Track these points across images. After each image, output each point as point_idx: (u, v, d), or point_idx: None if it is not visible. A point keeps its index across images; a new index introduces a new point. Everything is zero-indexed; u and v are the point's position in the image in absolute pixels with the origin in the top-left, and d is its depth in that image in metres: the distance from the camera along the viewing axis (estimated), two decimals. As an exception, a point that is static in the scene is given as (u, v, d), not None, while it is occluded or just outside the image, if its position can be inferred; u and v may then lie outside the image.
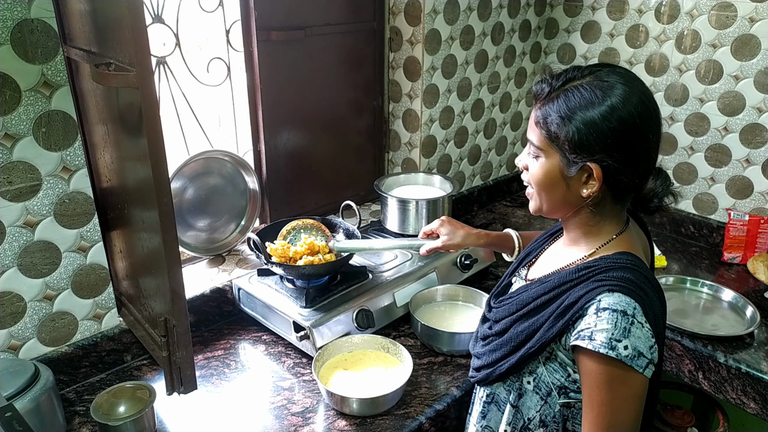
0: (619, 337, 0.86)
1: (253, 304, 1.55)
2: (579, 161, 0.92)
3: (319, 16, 1.79)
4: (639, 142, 0.90)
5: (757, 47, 1.80)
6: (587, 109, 0.89)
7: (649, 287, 0.91)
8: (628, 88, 0.90)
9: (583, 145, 0.90)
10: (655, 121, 0.92)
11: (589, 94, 0.90)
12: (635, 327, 0.87)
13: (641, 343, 0.87)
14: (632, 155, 0.90)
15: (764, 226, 1.83)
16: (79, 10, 1.10)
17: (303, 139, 1.89)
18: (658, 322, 0.91)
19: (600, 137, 0.89)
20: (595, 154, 0.90)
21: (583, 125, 0.89)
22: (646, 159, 0.93)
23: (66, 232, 1.28)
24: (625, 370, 0.87)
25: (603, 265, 0.93)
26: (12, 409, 1.00)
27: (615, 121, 0.88)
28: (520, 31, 2.22)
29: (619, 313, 0.87)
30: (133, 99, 0.95)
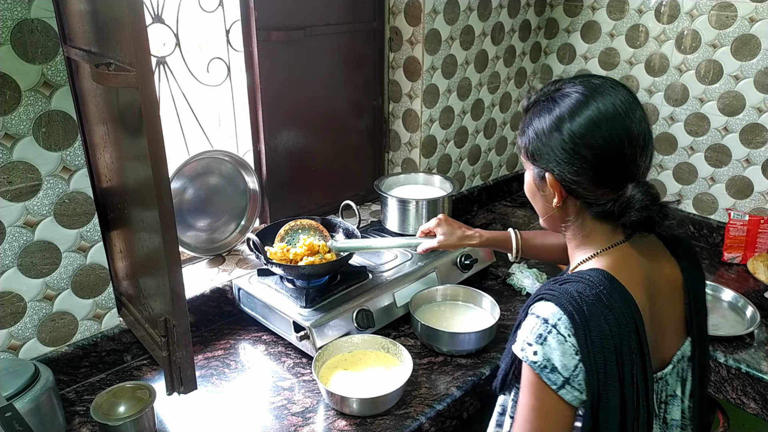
0: (531, 341, 0.86)
1: (253, 304, 1.55)
2: (535, 169, 0.96)
3: (319, 16, 1.79)
4: (591, 152, 0.88)
5: (757, 47, 1.80)
6: (539, 119, 0.93)
7: (598, 308, 0.84)
8: (583, 98, 0.89)
9: (534, 154, 0.95)
10: (613, 132, 0.87)
11: (546, 104, 0.93)
12: (552, 337, 0.84)
13: (557, 356, 0.83)
14: (583, 166, 0.89)
15: (764, 226, 1.83)
16: (79, 10, 1.10)
17: (303, 139, 1.89)
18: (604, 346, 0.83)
19: (548, 147, 0.91)
20: (545, 163, 0.93)
21: (535, 135, 0.93)
22: (606, 169, 0.89)
23: (66, 232, 1.28)
24: (537, 379, 0.85)
25: (564, 278, 0.92)
26: (12, 409, 1.00)
27: (564, 133, 0.89)
28: (520, 31, 2.22)
29: (541, 319, 0.86)
30: (133, 99, 0.96)
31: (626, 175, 0.89)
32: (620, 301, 0.86)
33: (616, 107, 0.88)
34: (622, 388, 0.84)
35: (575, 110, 0.89)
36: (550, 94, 0.94)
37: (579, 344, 0.83)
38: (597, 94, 0.89)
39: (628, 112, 0.89)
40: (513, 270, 1.77)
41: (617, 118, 0.88)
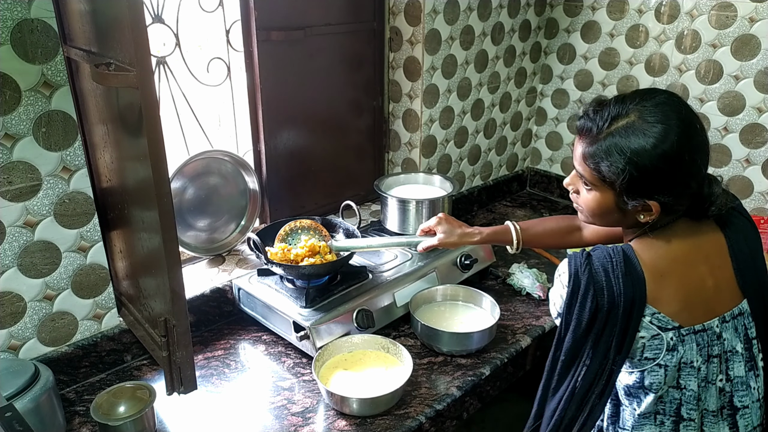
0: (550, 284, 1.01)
1: (253, 304, 1.55)
2: (635, 200, 0.98)
3: (319, 16, 1.79)
4: (689, 175, 0.96)
5: (757, 47, 1.80)
6: (635, 152, 0.93)
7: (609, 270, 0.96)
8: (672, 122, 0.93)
9: (638, 189, 0.96)
10: (701, 145, 0.97)
11: (636, 138, 0.93)
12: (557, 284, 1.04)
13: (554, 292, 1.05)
14: (685, 187, 0.96)
15: (764, 226, 1.83)
16: (79, 10, 1.10)
17: (303, 139, 1.89)
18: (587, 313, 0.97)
19: (652, 180, 0.94)
20: (652, 195, 0.96)
21: (635, 171, 0.93)
22: (698, 181, 0.98)
23: (66, 232, 1.28)
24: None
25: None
26: (12, 409, 1.00)
27: (664, 164, 0.93)
28: (520, 31, 2.22)
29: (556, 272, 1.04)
30: (133, 99, 0.96)
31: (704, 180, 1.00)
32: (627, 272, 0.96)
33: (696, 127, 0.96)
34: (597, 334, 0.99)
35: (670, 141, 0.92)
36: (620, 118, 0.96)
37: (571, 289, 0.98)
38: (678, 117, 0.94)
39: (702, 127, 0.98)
40: (513, 270, 1.77)
41: (699, 137, 0.97)
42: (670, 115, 0.94)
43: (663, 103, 0.95)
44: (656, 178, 0.94)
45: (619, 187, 0.97)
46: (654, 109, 0.94)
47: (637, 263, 0.97)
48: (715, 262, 1.03)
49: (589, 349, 0.98)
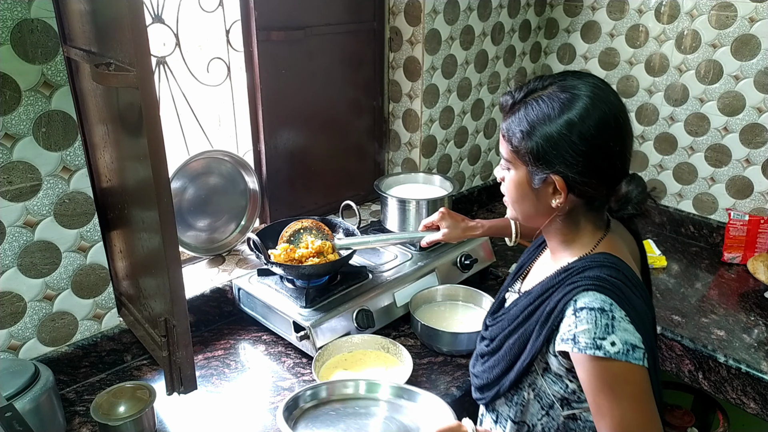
0: (602, 335, 0.84)
1: (253, 304, 1.55)
2: (541, 173, 0.92)
3: (319, 16, 1.79)
4: (600, 153, 0.89)
5: (757, 47, 1.80)
6: (545, 123, 0.90)
7: (628, 286, 0.89)
8: (590, 101, 0.89)
9: (543, 158, 0.91)
10: (618, 131, 0.90)
11: (547, 107, 0.90)
12: (617, 321, 0.84)
13: (629, 335, 0.84)
14: (594, 167, 0.90)
15: (764, 226, 1.83)
16: (79, 10, 1.10)
17: (303, 139, 1.89)
18: (643, 320, 0.87)
19: (559, 151, 0.89)
20: (556, 167, 0.90)
21: (542, 140, 0.90)
22: (611, 168, 0.91)
23: (66, 232, 1.28)
24: (621, 367, 0.84)
25: (580, 266, 0.92)
26: (12, 409, 1.00)
27: (574, 136, 0.88)
28: (520, 31, 2.22)
29: (597, 311, 0.85)
30: (133, 99, 0.96)
31: (624, 172, 0.93)
32: (635, 277, 0.92)
33: (617, 108, 0.90)
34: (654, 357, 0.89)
35: (585, 112, 0.88)
36: (537, 92, 0.93)
37: (632, 321, 0.85)
38: (596, 94, 0.89)
39: (624, 111, 0.92)
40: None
41: (619, 118, 0.90)
42: (585, 89, 0.90)
43: (582, 80, 0.92)
44: (559, 146, 0.89)
45: (526, 155, 0.92)
46: (569, 84, 0.91)
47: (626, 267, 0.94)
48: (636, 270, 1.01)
49: None
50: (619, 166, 0.92)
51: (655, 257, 1.88)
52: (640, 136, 2.15)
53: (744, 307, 1.66)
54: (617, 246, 0.97)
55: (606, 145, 0.89)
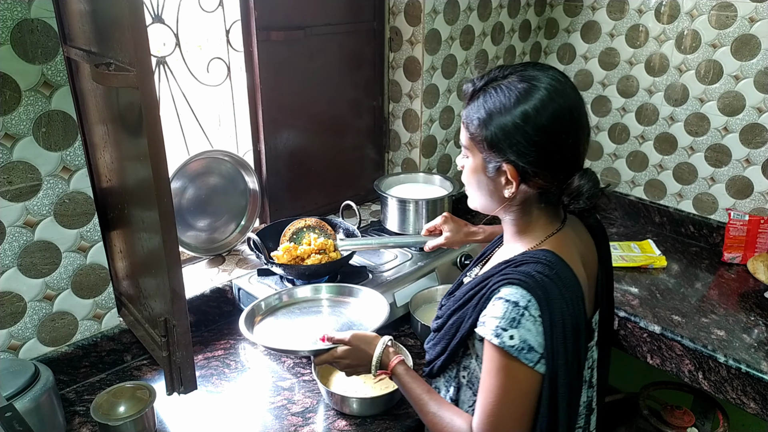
0: (505, 326, 0.88)
1: (253, 304, 1.55)
2: (494, 161, 0.94)
3: (319, 16, 1.79)
4: (552, 145, 0.91)
5: (757, 47, 1.80)
6: (501, 112, 0.91)
7: (558, 286, 0.89)
8: (546, 93, 0.90)
9: (496, 146, 0.93)
10: (572, 125, 0.91)
11: (505, 97, 0.91)
12: (525, 319, 0.87)
13: (531, 336, 0.87)
14: (546, 158, 0.91)
15: (764, 226, 1.83)
16: (79, 10, 1.10)
17: (303, 139, 1.89)
18: (561, 325, 0.88)
19: (512, 140, 0.91)
20: (508, 155, 0.92)
21: (497, 128, 0.92)
22: (563, 161, 0.93)
23: (66, 232, 1.28)
24: (512, 361, 0.88)
25: (519, 260, 0.94)
26: (12, 409, 1.00)
27: (528, 127, 0.90)
28: (520, 31, 2.22)
29: (511, 303, 0.88)
30: (133, 99, 0.96)
31: (576, 165, 0.94)
32: (571, 279, 0.92)
33: (573, 100, 0.92)
34: (574, 359, 0.90)
35: (539, 102, 0.90)
36: (497, 80, 0.94)
37: (544, 323, 0.88)
38: (553, 86, 0.91)
39: (580, 103, 0.93)
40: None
41: (574, 110, 0.92)
42: (543, 81, 0.91)
43: (542, 72, 0.93)
44: (513, 135, 0.90)
45: (481, 144, 0.94)
46: (528, 74, 0.92)
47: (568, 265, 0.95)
48: (591, 270, 1.04)
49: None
50: (572, 159, 0.93)
51: (655, 257, 1.88)
52: (640, 136, 2.15)
53: (744, 307, 1.66)
54: (565, 243, 0.98)
55: (559, 138, 0.91)
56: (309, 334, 1.28)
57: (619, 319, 1.63)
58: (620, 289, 1.74)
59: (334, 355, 1.13)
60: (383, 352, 1.09)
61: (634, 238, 2.07)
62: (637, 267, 1.85)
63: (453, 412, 0.99)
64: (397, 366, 1.08)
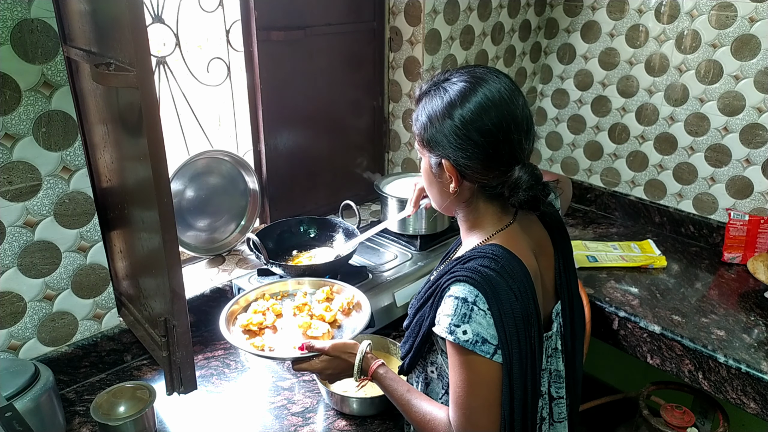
0: (457, 322, 0.90)
1: (253, 304, 1.55)
2: (434, 158, 0.99)
3: (319, 16, 1.79)
4: (482, 137, 0.93)
5: (757, 47, 1.80)
6: (431, 107, 0.96)
7: (505, 279, 0.92)
8: (470, 85, 0.94)
9: (431, 142, 0.98)
10: (501, 115, 0.93)
11: (439, 98, 0.96)
12: (475, 314, 0.90)
13: (483, 329, 0.90)
14: (477, 151, 0.94)
15: (764, 226, 1.83)
16: (79, 10, 1.10)
17: (303, 139, 1.89)
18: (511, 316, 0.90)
19: (443, 135, 0.95)
20: (444, 150, 0.96)
21: (429, 123, 0.97)
22: (496, 153, 0.94)
23: (66, 232, 1.28)
24: (468, 355, 0.91)
25: (468, 256, 0.97)
26: (12, 409, 1.00)
27: (455, 119, 0.93)
28: (520, 31, 2.22)
29: (460, 300, 0.91)
30: (133, 99, 0.96)
31: (513, 158, 0.95)
32: (518, 269, 0.94)
33: (501, 94, 0.94)
34: (527, 348, 0.93)
35: (465, 97, 0.93)
36: (440, 83, 0.98)
37: (494, 315, 0.90)
38: (483, 82, 0.94)
39: (512, 98, 0.95)
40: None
41: (503, 103, 0.94)
42: (478, 79, 0.94)
43: (478, 72, 0.97)
44: (443, 129, 0.94)
45: (423, 142, 0.99)
46: (465, 74, 0.96)
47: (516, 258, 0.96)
48: (547, 262, 1.06)
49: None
50: (507, 153, 0.94)
51: (655, 257, 1.88)
52: (640, 136, 2.15)
53: (744, 307, 1.66)
54: (514, 237, 1.00)
55: (487, 129, 0.93)
56: (289, 335, 1.27)
57: (619, 319, 1.63)
58: (620, 289, 1.74)
59: (314, 366, 1.14)
60: (362, 358, 1.11)
61: (634, 238, 2.07)
62: (637, 267, 1.85)
63: (433, 405, 1.02)
64: (377, 369, 1.10)
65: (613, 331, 1.65)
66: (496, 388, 0.92)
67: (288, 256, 1.65)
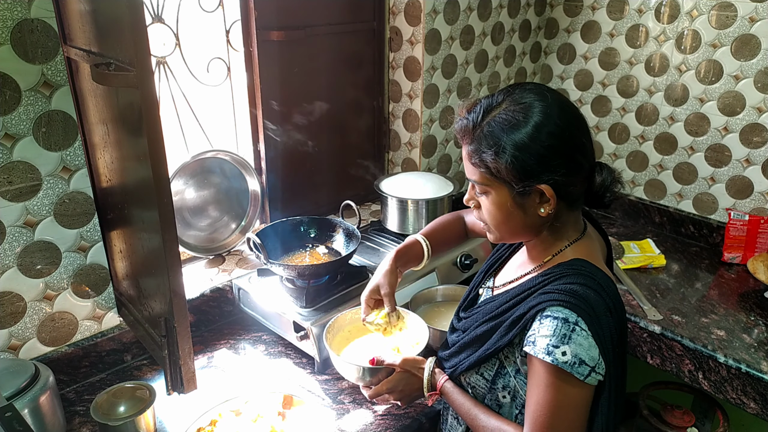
0: (557, 343, 0.87)
1: (253, 304, 1.55)
2: (527, 187, 0.92)
3: (319, 16, 1.79)
4: (575, 149, 0.92)
5: (757, 47, 1.80)
6: (514, 134, 0.90)
7: (602, 296, 0.90)
8: (544, 102, 0.91)
9: (525, 171, 0.91)
10: (580, 122, 0.94)
11: (510, 119, 0.91)
12: (576, 334, 0.87)
13: (583, 350, 0.87)
14: (574, 163, 0.92)
15: (764, 226, 1.83)
16: (79, 10, 1.10)
17: (303, 139, 1.89)
18: (612, 333, 0.90)
19: (537, 158, 0.90)
20: (541, 176, 0.91)
21: (518, 152, 0.90)
22: (587, 161, 0.94)
23: (66, 232, 1.28)
24: (564, 377, 0.88)
25: (557, 273, 0.94)
26: (12, 409, 1.00)
27: (545, 138, 0.90)
28: (520, 31, 2.22)
29: (560, 321, 0.88)
30: (133, 99, 0.96)
31: (593, 160, 0.96)
32: (611, 285, 0.93)
33: (565, 102, 0.94)
34: (621, 366, 0.93)
35: (547, 112, 0.90)
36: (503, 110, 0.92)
37: (596, 338, 0.88)
38: (549, 93, 0.93)
39: (570, 102, 0.96)
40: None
41: (569, 108, 0.94)
42: (540, 95, 0.93)
43: (530, 89, 0.95)
44: (539, 155, 0.90)
45: (508, 176, 0.92)
46: (523, 93, 0.93)
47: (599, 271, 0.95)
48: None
49: None
50: (590, 156, 0.95)
51: (654, 256, 1.88)
52: (640, 136, 2.15)
53: (744, 307, 1.66)
54: (592, 248, 1.00)
55: (577, 138, 0.92)
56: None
57: (619, 319, 1.63)
58: (620, 289, 1.73)
59: (387, 385, 1.13)
60: (431, 373, 1.10)
61: (634, 238, 2.07)
62: (637, 268, 1.85)
63: (502, 422, 1.00)
64: (445, 384, 1.09)
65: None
66: (584, 411, 0.91)
67: (288, 255, 1.64)
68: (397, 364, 1.12)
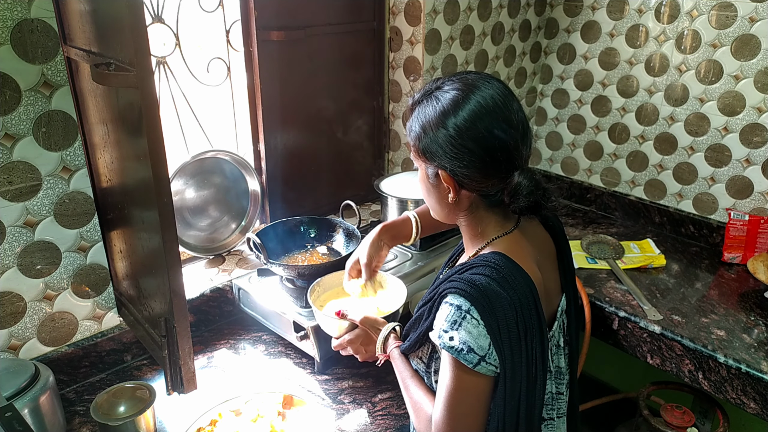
0: (447, 328, 0.91)
1: (253, 304, 1.55)
2: (430, 168, 0.98)
3: (319, 16, 1.79)
4: (477, 145, 0.92)
5: (757, 47, 1.80)
6: (425, 117, 0.95)
7: (504, 289, 0.91)
8: (464, 94, 0.92)
9: (426, 152, 0.96)
10: (496, 122, 0.92)
11: (432, 104, 0.95)
12: (467, 322, 0.90)
13: (471, 338, 0.89)
14: (474, 159, 0.92)
15: (764, 226, 1.83)
16: (79, 10, 1.10)
17: (303, 139, 1.89)
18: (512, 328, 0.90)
19: (439, 144, 0.94)
20: (438, 160, 0.95)
21: (423, 133, 0.96)
22: (493, 160, 0.93)
23: (66, 232, 1.28)
24: (454, 361, 0.91)
25: (469, 264, 0.97)
26: (12, 409, 1.00)
27: (449, 128, 0.92)
28: (520, 31, 2.22)
29: (454, 307, 0.91)
30: (133, 99, 0.96)
31: (511, 165, 0.94)
32: (520, 279, 0.93)
33: (495, 100, 0.93)
34: (527, 360, 0.92)
35: (457, 105, 0.92)
36: (431, 92, 0.97)
37: (488, 328, 0.89)
38: (475, 89, 0.93)
39: (506, 104, 0.94)
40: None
41: (497, 109, 0.93)
42: (466, 86, 0.94)
43: (461, 78, 0.96)
44: (438, 139, 0.93)
45: (417, 153, 0.99)
46: (457, 82, 0.95)
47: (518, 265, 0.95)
48: (551, 263, 1.07)
49: None
50: (504, 159, 0.93)
51: (654, 256, 1.88)
52: (640, 136, 2.15)
53: (744, 307, 1.66)
54: (516, 244, 1.00)
55: (482, 137, 0.92)
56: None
57: (619, 319, 1.63)
58: (620, 288, 1.74)
59: (348, 339, 1.20)
60: (386, 337, 1.15)
61: (634, 237, 2.07)
62: (637, 268, 1.85)
63: (428, 397, 1.03)
64: (394, 350, 1.13)
65: (613, 331, 1.65)
66: (484, 399, 0.93)
67: (287, 255, 1.64)
68: (357, 321, 1.18)
